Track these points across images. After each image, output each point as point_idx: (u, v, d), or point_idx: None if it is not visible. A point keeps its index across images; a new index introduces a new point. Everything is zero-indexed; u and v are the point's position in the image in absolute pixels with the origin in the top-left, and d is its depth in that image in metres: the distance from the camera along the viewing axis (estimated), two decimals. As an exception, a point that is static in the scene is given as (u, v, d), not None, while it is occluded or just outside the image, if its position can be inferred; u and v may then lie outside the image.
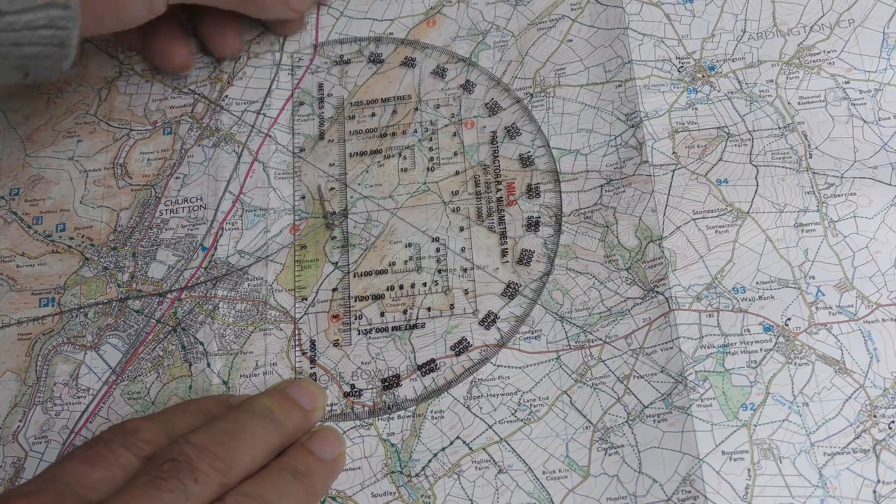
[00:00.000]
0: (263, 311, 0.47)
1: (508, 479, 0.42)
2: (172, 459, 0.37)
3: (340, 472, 0.44)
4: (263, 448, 0.40)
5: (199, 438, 0.38)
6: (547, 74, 0.49)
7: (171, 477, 0.36)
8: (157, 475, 0.36)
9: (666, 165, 0.46)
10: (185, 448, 0.37)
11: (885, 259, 0.43)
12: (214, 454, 0.37)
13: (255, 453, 0.39)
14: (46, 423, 0.46)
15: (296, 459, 0.41)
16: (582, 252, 0.45)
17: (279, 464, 0.40)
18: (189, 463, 0.37)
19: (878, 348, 0.42)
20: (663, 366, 0.42)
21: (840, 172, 0.45)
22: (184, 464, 0.37)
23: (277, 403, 0.42)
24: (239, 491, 0.38)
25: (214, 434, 0.38)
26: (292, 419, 0.42)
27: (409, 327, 0.46)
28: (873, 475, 0.40)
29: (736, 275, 0.44)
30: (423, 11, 0.52)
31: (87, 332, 0.47)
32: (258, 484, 0.39)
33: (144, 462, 0.38)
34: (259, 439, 0.40)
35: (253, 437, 0.40)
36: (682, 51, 0.48)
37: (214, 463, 0.37)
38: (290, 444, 0.42)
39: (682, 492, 0.40)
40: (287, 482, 0.40)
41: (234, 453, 0.38)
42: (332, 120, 0.50)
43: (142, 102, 0.52)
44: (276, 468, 0.40)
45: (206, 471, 0.37)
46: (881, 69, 0.46)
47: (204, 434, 0.38)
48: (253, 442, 0.39)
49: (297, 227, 0.48)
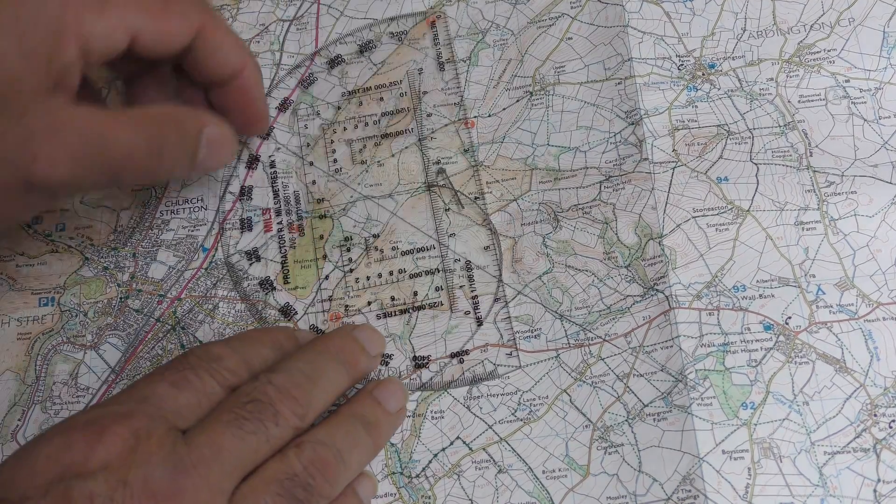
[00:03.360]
0: (263, 310, 0.47)
1: (508, 478, 0.42)
2: (255, 400, 0.38)
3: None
4: (335, 391, 0.41)
5: (281, 380, 0.39)
6: (547, 72, 0.49)
7: (253, 418, 0.37)
8: (240, 414, 0.37)
9: (666, 163, 0.46)
10: (267, 389, 0.39)
11: (886, 258, 0.43)
12: (294, 398, 0.39)
13: (328, 397, 0.41)
14: (45, 423, 0.46)
15: (365, 408, 0.42)
16: (581, 248, 0.45)
17: (350, 411, 0.42)
18: (271, 405, 0.38)
19: (879, 347, 0.42)
20: (663, 364, 0.42)
21: (840, 171, 0.45)
22: (266, 405, 0.38)
23: (348, 345, 0.43)
24: (315, 438, 0.39)
25: (294, 377, 0.40)
26: (361, 363, 0.43)
27: (409, 327, 0.46)
28: (874, 474, 0.40)
29: (736, 273, 0.43)
30: (423, 11, 0.52)
31: (86, 332, 0.47)
32: (332, 432, 0.40)
33: (227, 392, 0.39)
34: (333, 382, 0.41)
35: (328, 380, 0.41)
36: (682, 49, 0.48)
37: (294, 407, 0.39)
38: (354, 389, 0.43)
39: (682, 491, 0.40)
40: (358, 432, 0.41)
41: (311, 397, 0.39)
42: (331, 120, 0.50)
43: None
44: (347, 416, 0.41)
45: (285, 414, 0.38)
46: (881, 68, 0.46)
47: (285, 376, 0.39)
48: (327, 385, 0.41)
49: (296, 227, 0.48)
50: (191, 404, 0.38)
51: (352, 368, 0.42)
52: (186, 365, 0.39)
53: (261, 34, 0.53)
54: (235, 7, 0.54)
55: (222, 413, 0.38)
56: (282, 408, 0.38)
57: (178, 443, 0.36)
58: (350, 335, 0.44)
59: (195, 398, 0.38)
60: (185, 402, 0.38)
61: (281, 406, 0.38)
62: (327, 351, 0.42)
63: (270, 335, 0.43)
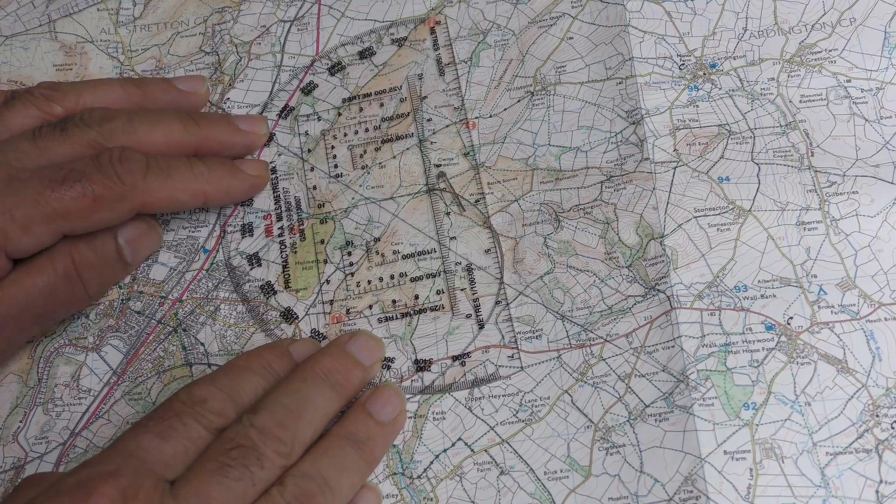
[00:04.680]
0: (265, 312, 0.47)
1: (510, 480, 0.42)
2: (239, 445, 0.38)
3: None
4: (325, 417, 0.41)
5: (263, 421, 0.39)
6: (548, 72, 0.49)
7: (238, 464, 0.37)
8: (224, 462, 0.37)
9: (667, 163, 0.46)
10: (250, 433, 0.38)
11: (888, 258, 0.43)
12: (279, 438, 0.39)
13: (316, 426, 0.41)
14: (47, 424, 0.46)
15: (356, 426, 0.42)
16: (582, 249, 0.45)
17: (339, 432, 0.41)
18: (254, 449, 0.38)
19: (881, 347, 0.42)
20: (665, 365, 0.42)
21: (842, 171, 0.45)
22: (249, 450, 0.38)
23: (339, 364, 0.43)
24: (299, 471, 0.39)
25: (278, 414, 0.40)
26: (353, 380, 0.43)
27: (411, 328, 0.46)
28: (876, 475, 0.40)
29: (738, 273, 0.43)
30: (424, 12, 0.52)
31: (88, 334, 0.48)
32: (317, 461, 0.40)
33: (214, 434, 0.39)
34: (321, 410, 0.41)
35: (315, 410, 0.41)
36: (683, 48, 0.48)
37: (278, 447, 0.39)
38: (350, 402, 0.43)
39: (683, 491, 0.40)
40: (346, 454, 0.41)
41: (296, 433, 0.39)
42: (333, 121, 0.50)
43: (143, 104, 0.52)
44: (336, 438, 0.41)
45: (270, 456, 0.38)
46: (883, 68, 0.46)
47: (268, 416, 0.39)
48: (315, 415, 0.41)
49: (298, 228, 0.48)
50: (177, 453, 0.38)
51: (343, 389, 0.42)
52: (171, 412, 0.39)
53: (262, 35, 0.53)
54: (237, 9, 0.54)
55: (207, 462, 0.38)
56: (265, 450, 0.38)
57: (166, 496, 0.36)
58: (341, 351, 0.43)
59: (181, 446, 0.38)
60: (171, 452, 0.38)
61: (264, 449, 0.38)
62: (315, 377, 0.42)
63: (260, 359, 0.42)
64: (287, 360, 0.43)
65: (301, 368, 0.42)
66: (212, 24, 0.54)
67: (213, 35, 0.53)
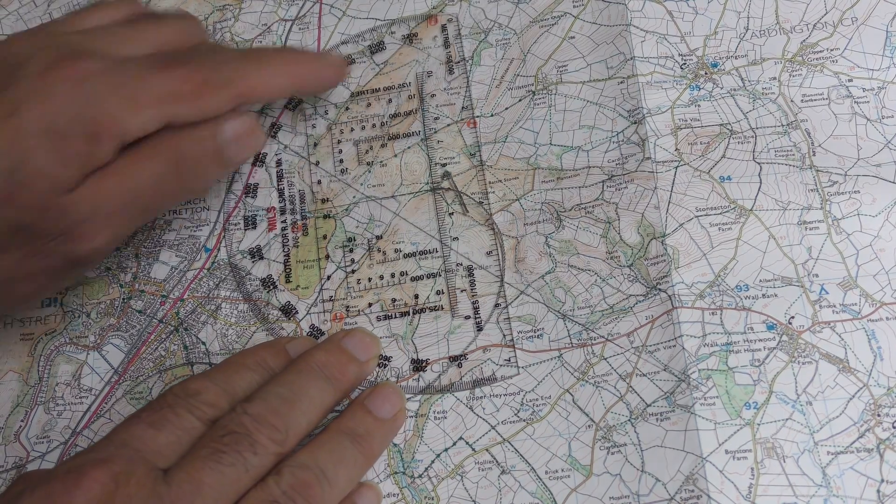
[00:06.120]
0: (265, 309, 0.47)
1: (511, 479, 0.42)
2: (232, 432, 0.38)
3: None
4: (320, 409, 0.41)
5: (256, 408, 0.39)
6: (549, 72, 0.49)
7: (230, 450, 0.37)
8: (217, 447, 0.37)
9: (668, 162, 0.46)
10: (243, 419, 0.38)
11: (889, 257, 0.43)
12: (272, 425, 0.39)
13: (311, 417, 0.41)
14: (48, 424, 0.46)
15: (354, 421, 0.42)
16: (583, 248, 0.45)
17: (337, 426, 0.41)
18: (248, 435, 0.38)
19: (882, 347, 0.42)
20: (666, 364, 0.42)
21: (843, 170, 0.45)
22: (242, 436, 0.38)
23: (334, 358, 0.43)
24: (296, 462, 0.39)
25: (271, 403, 0.39)
26: (348, 374, 0.43)
27: (412, 327, 0.46)
28: (877, 474, 0.40)
29: (739, 272, 0.43)
30: (426, 11, 0.52)
31: (89, 333, 0.48)
32: (314, 452, 0.40)
33: (208, 425, 0.39)
34: (315, 401, 0.41)
35: (310, 400, 0.41)
36: (684, 48, 0.48)
37: (272, 434, 0.39)
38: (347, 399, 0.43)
39: (685, 491, 0.40)
40: (345, 448, 0.40)
41: (290, 421, 0.39)
42: (334, 120, 0.50)
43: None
44: (333, 431, 0.41)
45: (263, 442, 0.38)
46: (884, 67, 0.46)
47: (261, 403, 0.39)
48: (310, 405, 0.41)
49: (300, 226, 0.48)
50: (170, 442, 0.38)
51: (338, 382, 0.42)
52: (164, 404, 0.39)
53: (263, 34, 0.53)
54: (238, 7, 0.54)
55: (200, 448, 0.38)
56: (259, 437, 0.38)
57: (159, 482, 0.36)
58: (337, 346, 0.43)
59: (174, 436, 0.38)
60: (164, 441, 0.38)
61: (258, 435, 0.38)
62: (309, 369, 0.42)
63: (255, 357, 0.43)
64: (283, 357, 0.43)
65: (296, 362, 0.42)
66: (213, 22, 0.54)
67: (215, 33, 0.53)
